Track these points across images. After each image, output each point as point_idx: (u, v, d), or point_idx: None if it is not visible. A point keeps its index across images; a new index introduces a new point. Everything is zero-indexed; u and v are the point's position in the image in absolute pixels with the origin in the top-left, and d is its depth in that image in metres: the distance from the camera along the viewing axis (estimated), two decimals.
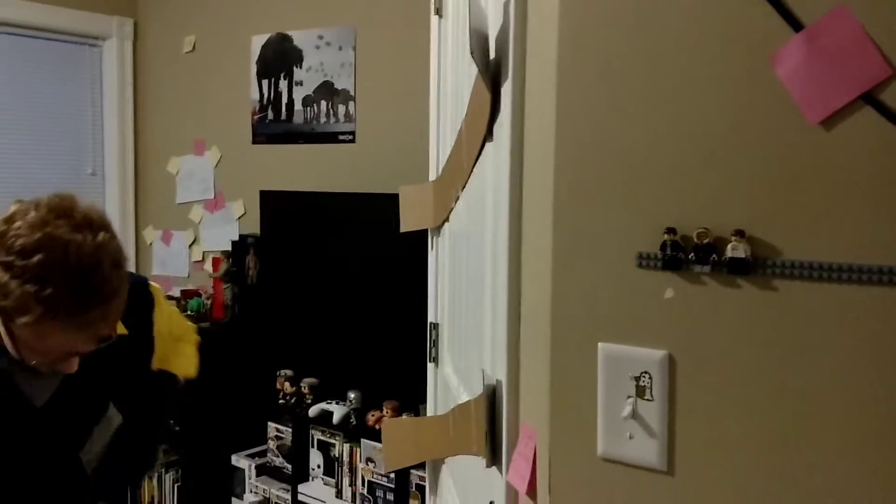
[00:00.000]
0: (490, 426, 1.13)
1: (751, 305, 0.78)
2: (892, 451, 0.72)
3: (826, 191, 0.74)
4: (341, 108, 3.52)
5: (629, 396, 0.86)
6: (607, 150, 0.86)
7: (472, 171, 1.40)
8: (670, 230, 0.82)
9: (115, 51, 4.20)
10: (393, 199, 1.97)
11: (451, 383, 1.69)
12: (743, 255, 0.78)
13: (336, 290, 3.14)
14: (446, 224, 1.77)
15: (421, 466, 2.33)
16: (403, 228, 1.95)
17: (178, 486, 3.45)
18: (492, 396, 1.14)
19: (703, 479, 0.82)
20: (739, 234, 0.78)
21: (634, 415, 0.86)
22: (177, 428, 3.35)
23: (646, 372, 0.85)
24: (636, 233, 0.85)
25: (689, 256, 0.81)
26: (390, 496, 2.74)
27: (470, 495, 1.42)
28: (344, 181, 3.40)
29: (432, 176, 1.98)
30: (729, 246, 0.78)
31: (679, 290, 0.82)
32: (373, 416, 2.82)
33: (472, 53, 1.07)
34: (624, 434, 0.87)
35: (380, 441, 2.80)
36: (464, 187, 1.50)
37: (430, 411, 1.97)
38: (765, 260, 0.77)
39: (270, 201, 3.40)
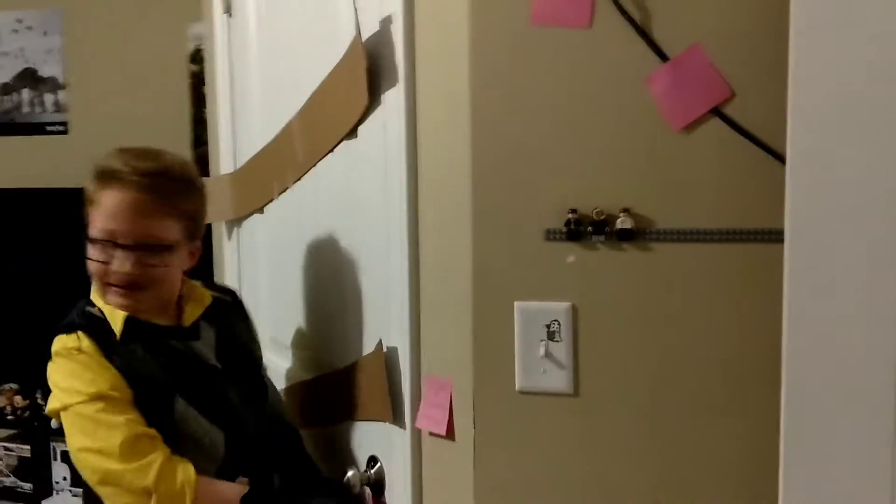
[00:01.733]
0: (390, 387, 1.30)
1: (635, 264, 1.06)
2: (747, 365, 1.04)
3: (687, 178, 1.04)
4: (49, 98, 3.27)
5: (542, 340, 1.10)
6: (518, 150, 1.09)
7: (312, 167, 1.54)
8: (573, 210, 1.07)
9: None
10: None
11: (272, 363, 1.79)
12: (629, 227, 1.06)
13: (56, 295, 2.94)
14: (257, 215, 1.85)
15: None
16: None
17: None
18: (383, 362, 1.31)
19: (602, 398, 1.09)
20: (626, 210, 1.06)
21: (547, 354, 1.10)
22: None
23: (555, 320, 1.10)
24: (543, 214, 1.09)
25: (588, 229, 1.07)
26: None
27: (336, 459, 1.54)
28: (55, 176, 3.17)
29: (220, 171, 2.03)
30: (618, 220, 1.06)
31: (579, 256, 1.08)
32: None
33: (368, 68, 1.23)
34: (538, 370, 1.11)
35: None
36: (296, 181, 1.62)
37: None
38: (644, 229, 1.06)
39: None
